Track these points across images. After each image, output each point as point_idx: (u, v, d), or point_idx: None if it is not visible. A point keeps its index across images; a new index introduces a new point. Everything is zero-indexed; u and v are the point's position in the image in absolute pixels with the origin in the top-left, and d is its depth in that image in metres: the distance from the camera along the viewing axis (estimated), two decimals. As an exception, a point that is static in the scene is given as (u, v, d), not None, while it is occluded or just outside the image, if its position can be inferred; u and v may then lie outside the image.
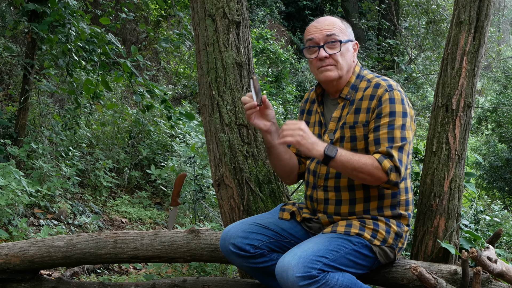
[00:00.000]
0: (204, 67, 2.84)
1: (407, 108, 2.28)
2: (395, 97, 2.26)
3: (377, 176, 2.18)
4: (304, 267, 2.09)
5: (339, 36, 2.33)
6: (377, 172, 2.17)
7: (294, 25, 15.98)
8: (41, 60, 5.28)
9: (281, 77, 10.47)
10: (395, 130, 2.22)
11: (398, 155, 2.19)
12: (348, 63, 2.36)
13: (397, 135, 2.21)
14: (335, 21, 2.38)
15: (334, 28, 2.34)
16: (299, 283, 2.07)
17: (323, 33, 2.33)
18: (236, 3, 2.81)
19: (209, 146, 2.88)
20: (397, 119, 2.23)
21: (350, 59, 2.38)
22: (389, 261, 2.38)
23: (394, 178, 2.18)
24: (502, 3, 20.30)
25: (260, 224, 2.41)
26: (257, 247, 2.36)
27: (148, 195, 5.58)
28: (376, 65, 8.74)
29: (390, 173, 2.17)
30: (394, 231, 2.32)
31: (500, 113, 10.75)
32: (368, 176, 2.18)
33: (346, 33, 2.37)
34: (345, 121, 2.33)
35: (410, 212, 2.40)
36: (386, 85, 2.29)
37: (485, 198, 7.63)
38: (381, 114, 2.24)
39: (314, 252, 2.13)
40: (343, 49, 2.33)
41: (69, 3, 4.84)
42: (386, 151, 2.19)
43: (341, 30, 2.35)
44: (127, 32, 9.32)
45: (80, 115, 5.95)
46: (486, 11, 2.72)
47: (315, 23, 2.38)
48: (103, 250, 2.66)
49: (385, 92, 2.26)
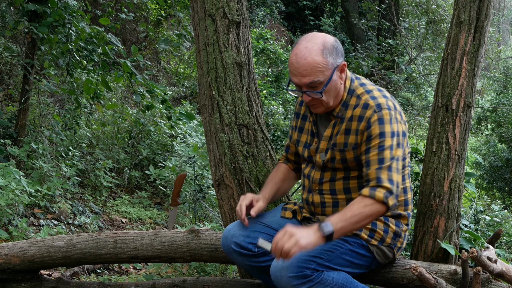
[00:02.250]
0: (204, 67, 2.84)
1: (396, 126, 2.24)
2: (384, 117, 2.22)
3: (376, 212, 2.14)
4: (297, 267, 2.10)
5: (320, 78, 2.20)
6: (374, 209, 2.14)
7: (294, 25, 15.99)
8: (41, 60, 5.28)
9: (281, 77, 10.48)
10: (385, 151, 2.19)
11: (388, 175, 2.17)
12: (335, 93, 2.28)
13: (386, 156, 2.19)
14: (313, 61, 2.19)
15: (312, 73, 2.19)
16: (293, 283, 2.09)
17: (303, 82, 2.21)
18: (236, 3, 2.81)
19: (209, 146, 2.88)
20: (387, 140, 2.20)
21: (337, 88, 2.28)
22: (388, 260, 2.38)
23: (392, 203, 2.16)
24: (502, 3, 20.30)
25: (262, 222, 2.42)
26: (259, 246, 2.36)
27: (148, 195, 5.57)
28: (376, 65, 8.74)
29: (387, 200, 2.15)
30: (392, 231, 2.32)
31: (500, 113, 10.75)
32: (368, 219, 2.15)
33: (328, 66, 2.21)
34: (335, 142, 2.31)
35: (409, 211, 2.39)
36: (375, 104, 2.23)
37: (485, 198, 7.63)
38: (371, 136, 2.22)
39: (308, 252, 2.13)
40: (327, 88, 2.23)
41: (69, 3, 4.84)
42: (376, 176, 2.17)
43: (322, 69, 2.20)
44: (127, 32, 9.32)
45: (80, 115, 5.95)
46: (486, 11, 2.72)
47: (294, 62, 2.22)
48: (103, 250, 2.66)
49: (373, 113, 2.22)
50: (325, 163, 2.33)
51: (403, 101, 9.99)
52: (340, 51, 2.28)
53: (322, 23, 15.37)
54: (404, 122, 2.31)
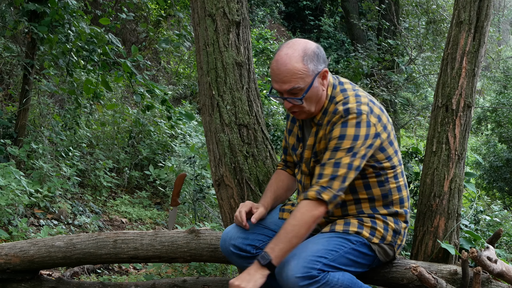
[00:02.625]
0: (204, 67, 2.84)
1: (364, 130, 2.21)
2: (349, 121, 2.20)
3: (312, 213, 2.16)
4: (304, 268, 2.09)
5: (300, 85, 2.20)
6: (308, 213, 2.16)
7: (294, 25, 16.00)
8: (41, 60, 5.28)
9: (281, 77, 10.46)
10: (339, 151, 2.19)
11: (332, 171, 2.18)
12: (316, 100, 2.27)
13: (338, 156, 2.19)
14: (293, 68, 2.19)
15: (292, 80, 2.20)
16: (299, 283, 2.08)
17: (283, 88, 2.22)
18: (236, 3, 2.81)
19: (209, 146, 2.88)
20: (345, 142, 2.19)
21: (319, 95, 2.27)
22: (389, 258, 2.39)
23: (327, 197, 2.16)
24: (502, 3, 20.30)
25: (260, 224, 2.42)
26: (258, 248, 2.37)
27: (148, 195, 5.58)
28: (376, 65, 8.73)
29: (320, 196, 2.16)
30: (392, 228, 2.32)
31: (500, 113, 10.76)
32: (306, 225, 2.16)
33: (308, 73, 2.21)
34: (316, 150, 2.33)
35: (406, 209, 2.39)
36: (343, 110, 2.22)
37: (485, 198, 7.63)
38: (331, 138, 2.22)
39: (313, 252, 2.14)
40: (308, 95, 2.23)
41: (68, 3, 4.84)
42: (319, 173, 2.20)
43: (302, 75, 2.20)
44: (127, 32, 9.32)
45: (80, 115, 5.95)
46: (486, 11, 2.72)
47: (275, 68, 2.23)
48: (103, 250, 2.66)
49: (340, 118, 2.22)
50: (311, 171, 2.35)
51: (403, 101, 9.97)
52: (322, 57, 2.27)
53: (322, 23, 15.37)
54: (383, 124, 2.27)
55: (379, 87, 8.01)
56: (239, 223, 2.38)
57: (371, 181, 2.31)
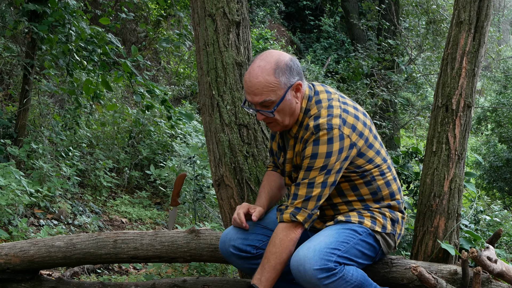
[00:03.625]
0: (204, 67, 2.84)
1: (337, 145, 2.21)
2: (320, 138, 2.20)
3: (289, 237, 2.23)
4: (321, 260, 2.11)
5: (272, 97, 2.22)
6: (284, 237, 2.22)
7: (294, 25, 15.99)
8: (41, 60, 5.28)
9: (281, 77, 10.45)
10: (312, 171, 2.22)
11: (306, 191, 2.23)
12: (289, 113, 2.28)
13: (312, 175, 2.22)
14: (265, 80, 2.21)
15: (263, 92, 2.21)
16: (318, 276, 2.09)
17: (255, 100, 2.24)
18: (236, 3, 2.81)
19: (209, 146, 2.88)
20: (317, 161, 2.21)
21: (292, 107, 2.27)
22: (390, 249, 2.41)
23: (301, 218, 2.22)
24: (502, 3, 20.30)
25: (259, 224, 2.42)
26: (258, 248, 2.37)
27: (148, 195, 5.58)
28: (376, 65, 8.73)
29: (295, 218, 2.22)
30: (389, 217, 2.36)
31: (500, 113, 10.75)
32: (287, 250, 2.22)
33: (280, 86, 2.22)
34: (295, 164, 2.35)
35: (399, 199, 2.41)
36: (313, 126, 2.22)
37: (485, 198, 7.63)
38: (304, 157, 2.25)
39: (327, 244, 2.16)
40: (279, 108, 2.24)
41: (69, 3, 4.84)
42: (293, 193, 2.25)
43: (274, 88, 2.21)
44: (127, 32, 9.32)
45: (80, 115, 5.94)
46: (486, 11, 2.72)
47: (247, 80, 2.25)
48: (103, 250, 2.66)
49: (311, 135, 2.23)
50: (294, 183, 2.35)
51: (403, 101, 9.96)
52: (296, 70, 2.26)
53: (322, 23, 15.37)
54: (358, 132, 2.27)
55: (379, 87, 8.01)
56: (238, 224, 2.38)
57: (357, 182, 2.33)
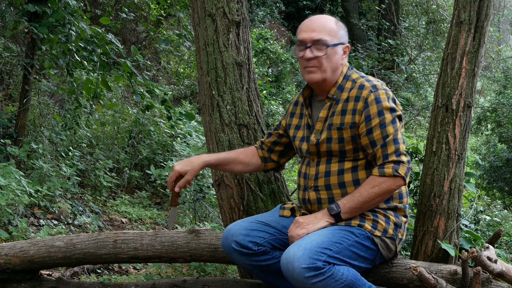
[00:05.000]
0: (204, 67, 2.84)
1: (393, 104, 2.32)
2: (381, 96, 2.30)
3: (390, 187, 2.27)
4: (310, 259, 2.10)
5: (328, 39, 2.32)
6: (386, 186, 2.26)
7: (294, 25, 15.97)
8: (41, 60, 5.28)
9: (281, 77, 10.48)
10: (387, 127, 2.28)
11: (393, 148, 2.27)
12: (334, 66, 2.37)
13: (389, 131, 2.28)
14: (326, 22, 2.36)
15: (323, 31, 2.33)
16: (305, 274, 2.09)
17: (311, 36, 2.32)
18: (236, 3, 2.81)
19: (209, 146, 2.88)
20: (386, 116, 2.29)
21: (337, 62, 2.38)
22: (391, 254, 2.40)
23: (403, 172, 2.26)
24: (502, 3, 20.30)
25: (262, 221, 2.42)
26: (259, 244, 2.37)
27: (148, 195, 5.58)
28: (376, 65, 8.74)
29: (398, 172, 2.25)
30: (393, 222, 2.35)
31: (500, 113, 10.75)
32: (380, 197, 2.27)
33: (337, 35, 2.35)
34: (331, 123, 2.36)
35: (405, 204, 2.42)
36: (371, 86, 2.32)
37: (485, 198, 7.63)
38: (370, 116, 2.29)
39: (318, 244, 2.15)
40: (330, 53, 2.33)
41: (69, 3, 4.84)
42: (382, 154, 2.27)
43: (331, 33, 2.34)
44: (127, 32, 9.32)
45: (80, 115, 5.95)
46: (486, 11, 2.72)
47: (307, 21, 2.38)
48: (103, 250, 2.66)
49: (370, 93, 2.30)
50: (320, 143, 2.36)
51: (403, 101, 9.97)
52: (347, 36, 2.43)
53: (322, 23, 15.32)
54: (399, 105, 2.38)
55: (379, 87, 8.00)
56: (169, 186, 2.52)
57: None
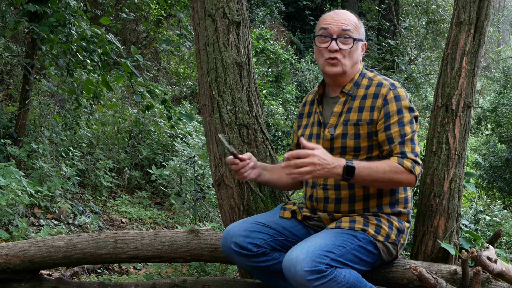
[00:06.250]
0: (204, 67, 2.84)
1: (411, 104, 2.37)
2: (400, 94, 2.33)
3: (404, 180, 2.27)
4: (312, 261, 2.09)
5: (353, 33, 2.37)
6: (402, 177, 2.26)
7: (294, 25, 15.98)
8: (42, 60, 5.28)
9: (281, 77, 10.48)
10: (405, 126, 2.31)
11: (411, 148, 2.29)
12: (354, 61, 2.41)
13: (407, 131, 2.31)
14: (352, 17, 2.42)
15: (350, 24, 2.38)
16: (307, 277, 2.08)
17: (339, 26, 2.36)
18: (236, 3, 2.81)
19: (209, 146, 2.89)
20: (405, 116, 2.32)
21: (357, 58, 2.42)
22: (392, 258, 2.40)
23: (418, 172, 2.28)
24: (502, 3, 20.30)
25: (261, 223, 2.42)
26: (259, 246, 2.36)
27: (148, 195, 5.58)
28: (376, 65, 8.75)
29: (414, 170, 2.26)
30: (396, 227, 2.35)
31: (500, 113, 10.75)
32: (390, 182, 2.26)
33: (359, 31, 2.42)
34: (348, 119, 2.36)
35: (409, 209, 2.43)
36: (389, 84, 2.36)
37: (485, 198, 7.63)
38: (389, 113, 2.31)
39: (321, 247, 2.15)
40: (354, 47, 2.38)
41: (69, 4, 4.84)
42: (400, 151, 2.29)
43: (356, 28, 2.40)
44: (127, 32, 9.32)
45: (80, 115, 5.95)
46: (486, 11, 2.72)
47: (332, 14, 2.42)
48: (103, 250, 2.66)
49: (389, 90, 2.33)
50: (335, 137, 2.36)
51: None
52: None
53: (322, 23, 15.31)
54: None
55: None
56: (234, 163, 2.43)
57: None
